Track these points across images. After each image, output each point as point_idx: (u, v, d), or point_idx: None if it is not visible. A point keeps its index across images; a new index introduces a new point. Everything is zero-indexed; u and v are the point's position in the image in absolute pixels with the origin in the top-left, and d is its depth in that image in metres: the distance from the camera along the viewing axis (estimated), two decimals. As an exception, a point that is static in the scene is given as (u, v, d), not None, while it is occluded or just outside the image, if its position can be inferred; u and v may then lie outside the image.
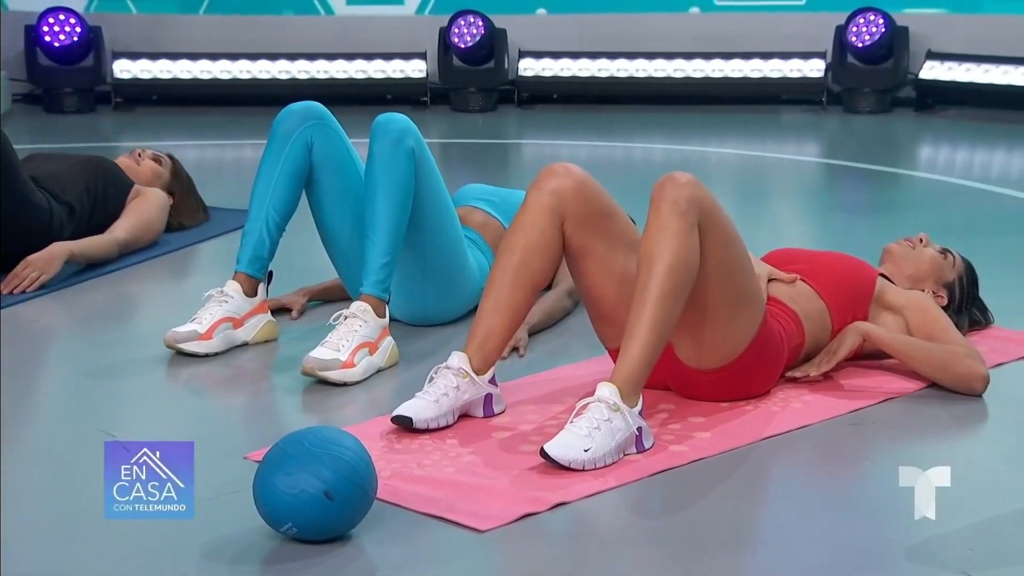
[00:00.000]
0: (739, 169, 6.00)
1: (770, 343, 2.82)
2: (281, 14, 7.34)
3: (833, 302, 3.01)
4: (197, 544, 2.25)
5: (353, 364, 3.01)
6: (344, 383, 2.99)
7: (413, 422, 2.70)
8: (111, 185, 4.08)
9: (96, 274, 3.89)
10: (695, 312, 2.69)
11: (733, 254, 2.72)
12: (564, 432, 2.53)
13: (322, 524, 2.22)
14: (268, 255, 3.29)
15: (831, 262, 3.11)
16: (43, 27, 6.86)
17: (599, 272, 2.86)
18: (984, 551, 2.24)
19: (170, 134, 6.45)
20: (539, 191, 2.84)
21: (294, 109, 3.35)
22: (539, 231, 2.82)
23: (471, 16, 6.99)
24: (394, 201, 3.17)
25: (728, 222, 2.72)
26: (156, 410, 3.01)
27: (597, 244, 2.85)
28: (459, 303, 3.41)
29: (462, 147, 6.37)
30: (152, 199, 4.15)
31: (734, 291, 2.73)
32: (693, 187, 2.65)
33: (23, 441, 2.81)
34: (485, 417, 2.81)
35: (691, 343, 2.77)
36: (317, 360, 2.98)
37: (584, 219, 2.83)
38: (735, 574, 2.21)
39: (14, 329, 3.47)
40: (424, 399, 2.74)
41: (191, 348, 3.18)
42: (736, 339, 2.77)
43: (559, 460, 2.49)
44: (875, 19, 6.84)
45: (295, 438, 2.28)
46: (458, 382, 2.76)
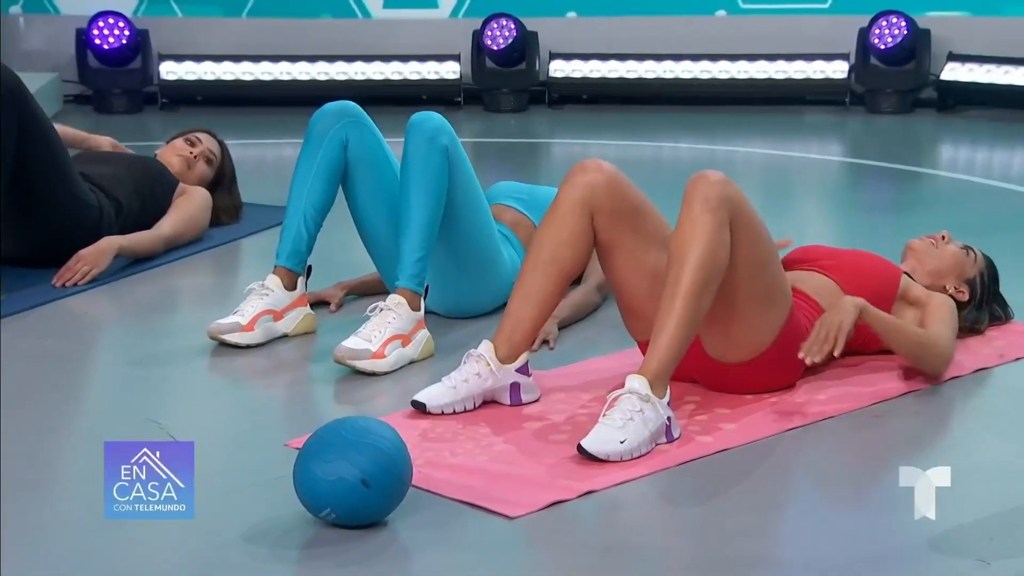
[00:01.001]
0: (764, 168, 5.97)
1: (796, 337, 2.80)
2: (320, 17, 7.35)
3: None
4: (240, 528, 2.25)
5: (383, 355, 3.01)
6: (373, 373, 3.00)
7: (427, 407, 2.73)
8: (158, 183, 4.10)
9: (143, 268, 3.91)
10: (723, 307, 2.67)
11: (762, 251, 2.70)
12: (598, 427, 2.52)
13: (359, 510, 2.23)
14: (306, 250, 3.30)
15: (856, 260, 3.08)
16: (93, 31, 6.90)
17: (629, 267, 2.85)
18: (1003, 540, 2.22)
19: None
20: (570, 186, 2.83)
21: (330, 108, 3.36)
22: (570, 225, 2.81)
23: (503, 19, 6.98)
24: (429, 198, 3.17)
25: (758, 220, 2.70)
26: (200, 399, 3.02)
27: (628, 239, 2.83)
28: (492, 296, 3.40)
29: (495, 146, 6.37)
30: (196, 197, 4.17)
31: (762, 287, 2.71)
32: (724, 185, 2.64)
33: (74, 428, 2.83)
34: (512, 405, 2.81)
35: (718, 337, 2.76)
36: (348, 349, 2.99)
37: (615, 214, 2.82)
38: (762, 562, 2.19)
39: (66, 320, 3.49)
40: (444, 385, 2.76)
41: (233, 339, 3.19)
42: (763, 334, 2.75)
43: (597, 455, 2.48)
44: (897, 21, 6.79)
45: (334, 427, 2.29)
46: (480, 369, 2.78)
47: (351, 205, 3.42)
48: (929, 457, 2.69)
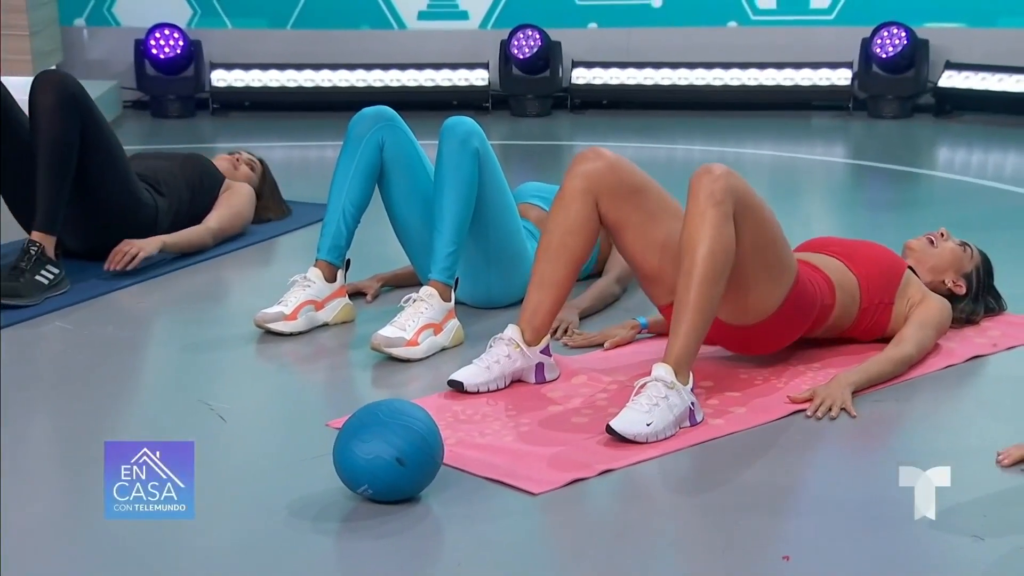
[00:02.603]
0: (773, 169, 5.94)
1: (802, 301, 2.80)
2: (359, 28, 7.35)
3: (865, 282, 2.97)
4: (284, 502, 2.26)
5: (417, 343, 3.01)
6: (407, 359, 3.00)
7: (464, 386, 2.75)
8: (206, 178, 4.12)
9: (194, 261, 3.92)
10: (734, 281, 2.66)
11: (766, 231, 2.70)
12: (626, 410, 2.53)
13: (394, 486, 2.23)
14: (345, 244, 3.30)
15: (866, 248, 3.08)
16: (150, 41, 6.92)
17: (640, 240, 2.84)
18: (996, 517, 2.21)
19: (260, 136, 6.49)
20: (572, 176, 2.84)
21: (367, 113, 3.36)
22: (574, 213, 2.82)
23: (529, 30, 6.96)
24: (460, 196, 3.17)
25: (760, 203, 2.70)
26: (246, 383, 3.03)
27: (634, 216, 2.83)
28: (519, 287, 3.39)
29: (520, 148, 6.35)
30: (241, 192, 4.18)
31: (768, 263, 2.72)
32: (726, 178, 2.63)
33: (130, 411, 2.84)
34: (537, 383, 2.83)
35: (731, 306, 2.75)
36: (384, 338, 2.99)
37: (618, 196, 2.82)
38: (774, 536, 2.18)
39: (120, 311, 3.51)
40: (477, 366, 2.79)
41: (278, 327, 3.20)
42: (770, 301, 2.75)
43: (625, 435, 2.48)
44: (898, 32, 6.74)
45: (371, 409, 2.29)
46: (509, 351, 2.80)
47: (387, 203, 3.42)
48: (925, 438, 2.68)
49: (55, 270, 3.51)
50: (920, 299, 3.02)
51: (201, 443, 2.53)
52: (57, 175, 3.52)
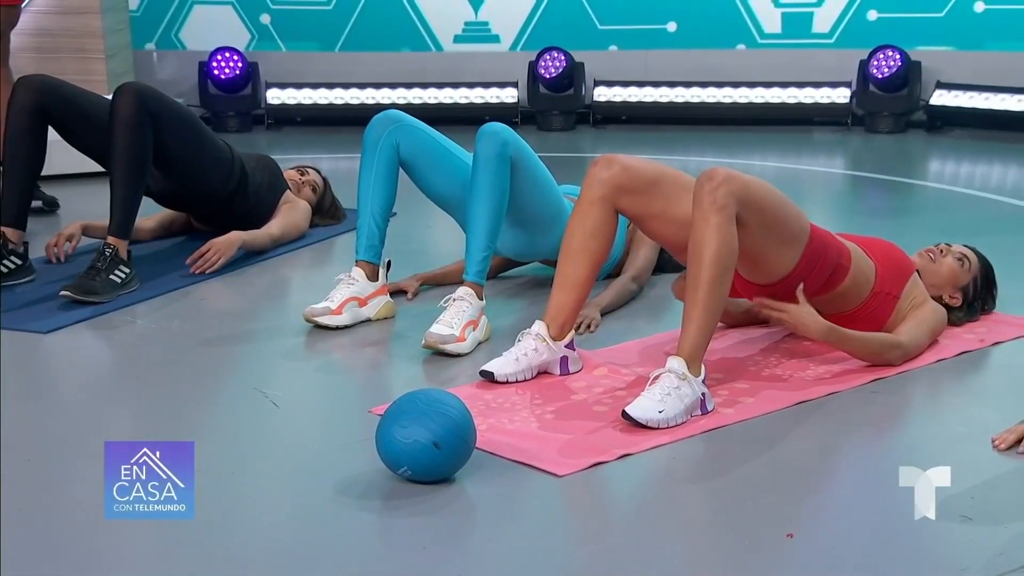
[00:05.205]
0: (777, 179, 5.88)
1: (814, 260, 2.75)
2: (400, 51, 7.35)
3: (880, 269, 2.92)
4: (330, 483, 2.25)
5: (464, 338, 3.00)
6: (458, 354, 2.98)
7: (495, 376, 2.73)
8: (275, 176, 4.15)
9: (253, 261, 3.93)
10: (751, 251, 2.65)
11: (773, 213, 2.67)
12: (641, 397, 2.51)
13: (431, 468, 2.22)
14: (379, 242, 3.28)
15: (881, 242, 3.03)
16: (213, 63, 6.95)
17: (665, 224, 2.83)
18: (984, 499, 2.17)
19: (311, 149, 6.50)
20: (589, 184, 2.84)
21: (378, 119, 3.36)
22: (593, 216, 2.81)
23: (555, 52, 6.95)
24: (492, 204, 3.14)
25: (762, 196, 2.65)
26: (296, 371, 3.03)
27: (655, 204, 2.82)
28: (556, 242, 3.29)
29: (547, 160, 6.27)
30: (300, 207, 4.20)
31: (780, 235, 2.69)
32: (727, 183, 2.59)
33: (193, 396, 2.85)
34: (561, 375, 2.81)
35: (751, 267, 2.74)
36: (437, 335, 2.97)
37: (635, 192, 2.81)
38: (779, 516, 2.16)
39: (188, 305, 3.52)
40: (507, 357, 2.77)
41: (324, 321, 3.19)
42: (785, 265, 2.72)
43: (638, 419, 2.47)
44: (893, 55, 6.69)
45: (410, 397, 2.28)
46: (536, 345, 2.78)
47: (426, 193, 3.40)
48: (918, 425, 2.65)
49: (127, 270, 3.53)
50: (922, 302, 2.98)
51: (256, 426, 2.53)
52: (130, 184, 3.54)
